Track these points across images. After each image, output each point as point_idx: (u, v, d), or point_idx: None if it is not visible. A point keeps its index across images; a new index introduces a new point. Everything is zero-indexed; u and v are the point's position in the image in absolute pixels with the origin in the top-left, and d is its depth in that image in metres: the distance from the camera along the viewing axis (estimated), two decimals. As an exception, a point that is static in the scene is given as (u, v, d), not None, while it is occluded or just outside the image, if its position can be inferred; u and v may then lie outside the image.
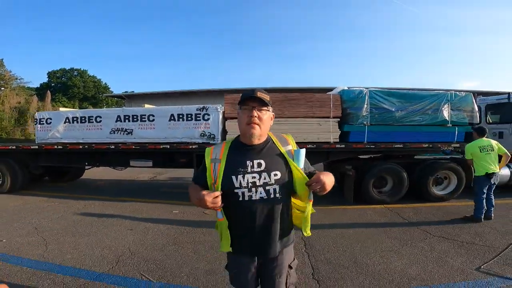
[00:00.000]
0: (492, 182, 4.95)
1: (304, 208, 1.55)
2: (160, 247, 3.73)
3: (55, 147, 6.39)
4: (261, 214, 1.50)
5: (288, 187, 1.53)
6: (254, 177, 1.48)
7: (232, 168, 1.50)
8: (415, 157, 6.67)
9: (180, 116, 5.87)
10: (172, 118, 5.89)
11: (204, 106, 5.86)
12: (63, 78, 51.17)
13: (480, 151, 4.99)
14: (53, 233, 4.15)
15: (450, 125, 5.83)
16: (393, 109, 5.71)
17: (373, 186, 6.02)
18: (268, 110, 1.55)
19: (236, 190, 1.48)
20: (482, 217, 4.88)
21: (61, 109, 8.49)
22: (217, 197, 1.39)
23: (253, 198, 1.47)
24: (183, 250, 3.64)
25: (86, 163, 6.99)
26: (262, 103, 1.51)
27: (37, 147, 6.54)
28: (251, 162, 1.50)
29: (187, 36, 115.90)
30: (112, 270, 3.08)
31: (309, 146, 5.62)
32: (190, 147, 5.85)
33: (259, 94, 1.51)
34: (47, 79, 51.23)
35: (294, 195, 1.59)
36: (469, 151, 5.09)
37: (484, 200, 4.93)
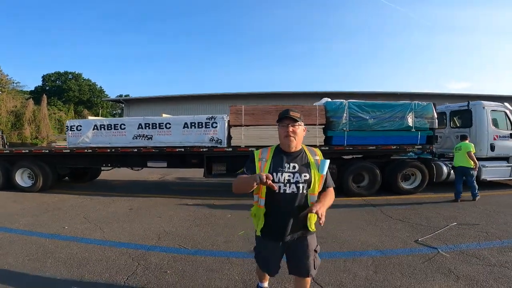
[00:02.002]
0: (460, 172, 6.76)
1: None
2: (186, 228, 4.93)
3: (85, 150, 7.50)
4: (291, 204, 1.98)
5: (312, 187, 2.01)
6: (289, 176, 1.98)
7: (274, 167, 1.99)
8: (391, 157, 7.97)
9: (193, 124, 7.06)
10: (186, 125, 7.08)
11: (212, 116, 7.05)
12: (57, 82, 51.64)
13: (454, 150, 6.92)
14: (101, 221, 5.29)
15: (414, 130, 7.11)
16: (367, 117, 6.97)
17: (353, 181, 7.29)
18: (300, 125, 2.02)
19: (275, 184, 1.92)
20: (457, 198, 6.69)
21: (90, 117, 9.55)
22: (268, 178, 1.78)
23: (287, 191, 1.97)
24: (204, 229, 4.85)
25: (109, 165, 8.11)
26: (294, 120, 1.98)
27: (69, 150, 7.64)
28: (288, 165, 1.99)
29: (183, 38, 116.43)
30: (158, 243, 4.26)
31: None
32: (201, 149, 7.07)
33: (291, 114, 1.98)
34: (41, 82, 51.60)
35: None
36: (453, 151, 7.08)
37: (460, 186, 6.72)
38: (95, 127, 7.49)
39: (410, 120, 7.05)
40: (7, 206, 6.38)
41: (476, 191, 6.71)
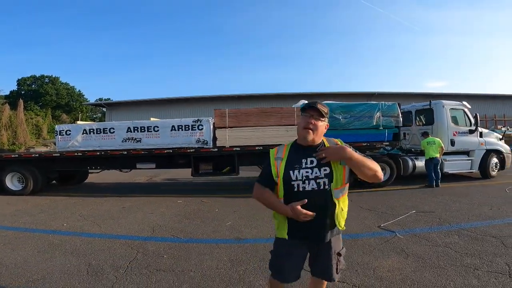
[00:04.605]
0: (434, 163, 7.96)
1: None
2: (178, 221, 5.42)
3: (75, 154, 7.83)
4: (312, 202, 1.76)
5: (334, 181, 1.80)
6: (308, 172, 1.80)
7: (290, 165, 1.83)
8: (366, 153, 8.72)
9: (180, 127, 7.56)
10: (173, 128, 7.57)
11: (198, 119, 7.57)
12: (33, 86, 50.06)
13: (427, 144, 8.01)
14: (97, 218, 5.69)
15: (382, 128, 7.86)
16: (340, 117, 7.66)
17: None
18: (324, 121, 1.86)
19: (292, 182, 1.81)
20: (434, 184, 7.99)
21: (79, 122, 9.81)
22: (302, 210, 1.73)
23: (306, 189, 1.79)
24: (195, 222, 5.36)
25: (98, 167, 8.44)
26: (320, 114, 1.82)
27: (58, 154, 7.94)
28: (305, 160, 1.82)
29: (163, 40, 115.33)
30: (153, 234, 4.74)
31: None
32: (189, 150, 7.57)
33: (319, 106, 1.82)
34: (16, 86, 50.01)
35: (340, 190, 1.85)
36: (422, 145, 8.24)
37: (433, 173, 7.92)
38: (85, 131, 7.84)
39: (377, 119, 7.79)
40: (2, 208, 6.65)
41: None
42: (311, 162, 1.82)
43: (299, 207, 1.73)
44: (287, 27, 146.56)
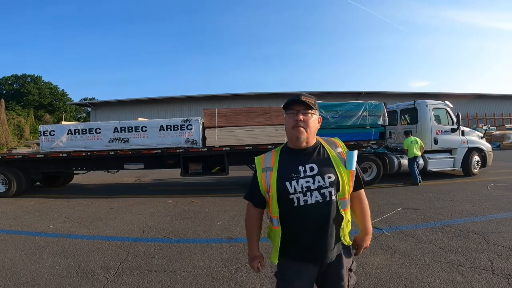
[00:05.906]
0: (417, 161, 8.30)
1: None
2: (168, 222, 5.39)
3: (60, 155, 7.66)
4: (317, 217, 1.50)
5: (342, 189, 1.52)
6: (308, 181, 1.49)
7: (284, 175, 1.51)
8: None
9: (168, 126, 7.50)
10: (162, 128, 7.50)
11: (187, 119, 7.53)
12: (15, 85, 48.61)
13: (411, 143, 8.22)
14: (84, 220, 5.60)
15: (368, 127, 8.02)
16: (328, 117, 7.77)
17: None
18: (314, 114, 1.53)
19: (291, 196, 1.49)
20: (418, 182, 8.18)
21: (63, 122, 9.59)
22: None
23: (309, 202, 1.48)
24: (185, 222, 5.34)
25: (84, 168, 8.28)
26: (307, 107, 1.50)
27: (42, 155, 7.75)
28: (303, 167, 1.51)
29: (151, 39, 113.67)
30: (143, 235, 4.70)
31: (269, 146, 7.49)
32: (178, 150, 7.52)
33: (303, 98, 1.50)
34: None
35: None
36: (406, 144, 8.42)
37: (416, 171, 8.18)
38: (70, 132, 7.68)
39: (365, 119, 7.94)
40: (-16, 211, 6.44)
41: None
42: (311, 169, 1.51)
43: (257, 266, 1.71)
44: (282, 28, 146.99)
